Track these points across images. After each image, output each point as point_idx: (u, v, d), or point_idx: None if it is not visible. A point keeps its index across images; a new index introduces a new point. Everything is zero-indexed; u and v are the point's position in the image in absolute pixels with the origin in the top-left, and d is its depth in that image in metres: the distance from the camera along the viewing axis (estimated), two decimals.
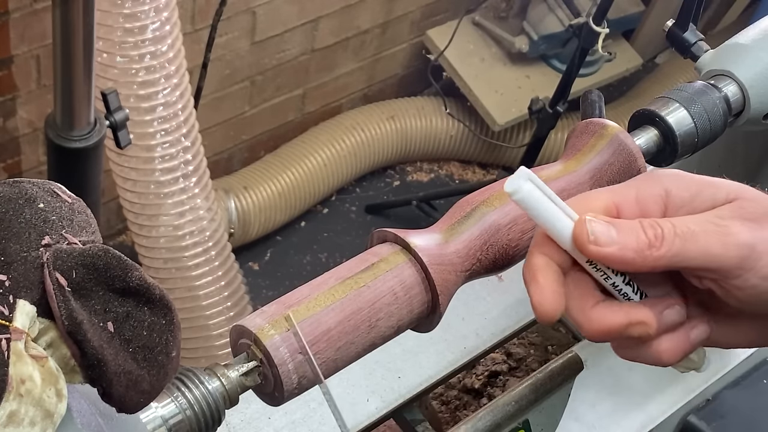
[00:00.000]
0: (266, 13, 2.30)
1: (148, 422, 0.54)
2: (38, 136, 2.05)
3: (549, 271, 0.55)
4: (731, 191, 0.55)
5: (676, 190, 0.55)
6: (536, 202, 0.53)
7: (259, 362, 0.57)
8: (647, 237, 0.53)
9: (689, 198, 0.55)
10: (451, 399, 1.05)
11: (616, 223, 0.54)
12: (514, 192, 0.52)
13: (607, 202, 0.55)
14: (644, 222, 0.53)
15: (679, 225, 0.53)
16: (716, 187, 0.55)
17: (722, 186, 0.55)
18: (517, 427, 0.88)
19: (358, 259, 0.62)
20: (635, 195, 0.56)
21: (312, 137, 2.62)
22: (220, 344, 2.04)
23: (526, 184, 0.52)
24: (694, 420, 1.03)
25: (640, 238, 0.53)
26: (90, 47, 1.47)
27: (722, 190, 0.55)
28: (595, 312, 0.55)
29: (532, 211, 0.53)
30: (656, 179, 0.56)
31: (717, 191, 0.55)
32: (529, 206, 0.53)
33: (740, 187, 0.56)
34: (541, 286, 0.55)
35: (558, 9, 2.65)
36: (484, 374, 1.06)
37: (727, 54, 0.85)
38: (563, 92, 2.19)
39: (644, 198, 0.56)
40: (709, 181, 0.56)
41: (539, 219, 0.53)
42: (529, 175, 0.52)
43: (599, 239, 0.53)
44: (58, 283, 0.46)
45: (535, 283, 0.55)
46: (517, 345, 1.09)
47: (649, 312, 0.55)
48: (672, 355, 0.56)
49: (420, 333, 0.64)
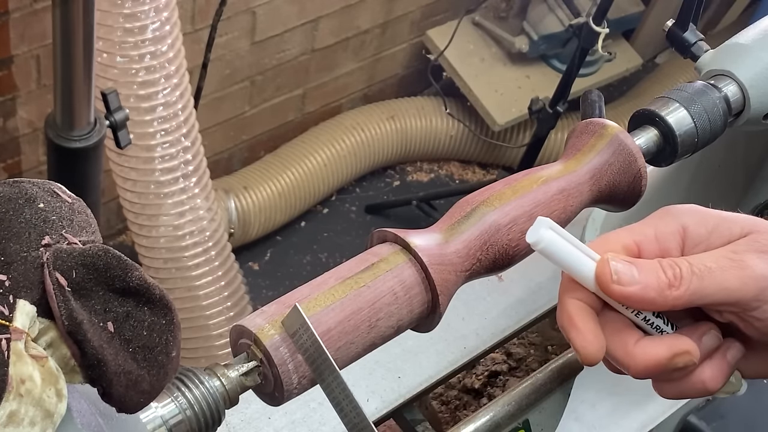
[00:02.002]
0: (266, 13, 2.30)
1: (148, 422, 0.54)
2: (38, 136, 2.05)
3: (585, 314, 0.56)
4: (746, 225, 0.56)
5: (694, 226, 0.56)
6: (559, 249, 0.54)
7: (259, 362, 0.57)
8: (667, 277, 0.54)
9: (706, 234, 0.56)
10: (451, 399, 1.05)
11: (636, 262, 0.54)
12: (537, 242, 0.53)
13: (627, 241, 0.56)
14: (663, 262, 0.54)
15: (695, 263, 0.54)
16: (731, 222, 0.56)
17: (737, 220, 0.56)
18: (517, 427, 0.88)
19: (358, 259, 0.62)
20: (654, 233, 0.57)
21: (312, 137, 2.62)
22: (220, 344, 2.04)
23: (547, 232, 0.53)
24: (694, 420, 1.03)
25: (660, 277, 0.54)
26: (90, 47, 1.47)
27: (737, 224, 0.56)
28: (638, 349, 0.56)
29: (555, 258, 0.54)
30: (674, 216, 0.57)
31: (732, 225, 0.56)
32: (553, 254, 0.54)
33: (754, 220, 0.57)
34: (581, 331, 0.55)
35: (558, 9, 2.65)
36: (484, 374, 1.06)
37: (727, 54, 0.85)
38: (563, 92, 2.19)
39: (663, 235, 0.57)
40: (724, 216, 0.57)
41: (563, 264, 0.54)
42: (549, 223, 0.53)
43: (621, 279, 0.54)
44: (58, 283, 0.46)
45: (575, 329, 0.56)
46: (517, 345, 1.09)
47: (689, 340, 0.55)
48: (716, 382, 0.57)
49: (420, 333, 0.64)
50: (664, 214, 0.58)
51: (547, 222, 0.53)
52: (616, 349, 0.56)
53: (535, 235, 0.53)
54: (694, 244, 0.56)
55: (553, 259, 0.54)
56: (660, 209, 0.59)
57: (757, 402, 1.06)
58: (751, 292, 0.53)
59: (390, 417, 0.95)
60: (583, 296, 0.56)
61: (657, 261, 0.55)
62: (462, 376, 1.06)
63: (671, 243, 0.56)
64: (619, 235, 0.57)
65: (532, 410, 0.88)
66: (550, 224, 0.54)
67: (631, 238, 0.57)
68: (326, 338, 0.58)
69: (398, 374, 0.96)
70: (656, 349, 0.55)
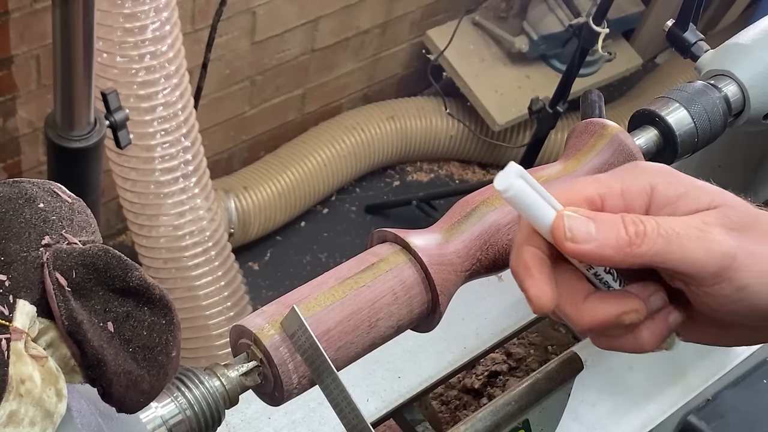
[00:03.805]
0: (266, 13, 2.30)
1: (148, 422, 0.54)
2: (38, 136, 2.05)
3: (541, 264, 0.55)
4: (716, 197, 0.55)
5: (663, 187, 0.55)
6: (526, 199, 0.52)
7: (259, 362, 0.57)
8: (628, 234, 0.52)
9: (674, 197, 0.55)
10: (451, 399, 1.05)
11: (596, 218, 0.53)
12: (506, 190, 0.52)
13: (591, 193, 0.55)
14: (626, 218, 0.53)
15: (663, 225, 0.53)
16: (702, 191, 0.55)
17: (708, 190, 0.55)
18: (517, 427, 0.88)
19: (358, 259, 0.62)
20: (620, 188, 0.55)
21: (312, 137, 2.62)
22: (220, 344, 2.04)
23: (517, 181, 0.52)
24: (694, 420, 1.03)
25: (620, 234, 0.52)
26: (90, 47, 1.47)
27: (707, 194, 0.55)
28: (587, 305, 0.55)
29: (520, 207, 0.53)
30: (643, 173, 0.56)
31: (702, 195, 0.55)
32: (519, 203, 0.52)
33: (725, 194, 0.56)
34: (536, 281, 0.54)
35: (558, 9, 2.65)
36: (484, 374, 1.06)
37: (727, 54, 0.85)
38: (563, 92, 2.19)
39: (629, 191, 0.55)
40: (695, 183, 0.56)
41: (527, 213, 0.53)
42: (520, 171, 0.52)
43: (576, 236, 0.53)
44: (58, 283, 0.46)
45: (530, 277, 0.55)
46: (517, 345, 1.09)
47: (638, 300, 0.55)
48: (653, 342, 0.57)
49: (420, 333, 0.64)
50: (633, 169, 0.57)
51: (517, 170, 0.52)
52: (565, 304, 0.55)
53: (504, 182, 0.52)
54: (660, 205, 0.55)
55: (518, 208, 0.53)
56: (630, 163, 0.58)
57: (757, 402, 1.06)
58: (713, 267, 0.52)
59: (390, 417, 0.95)
60: (541, 245, 0.55)
61: (620, 216, 0.53)
62: (462, 376, 1.06)
63: (637, 201, 0.55)
64: (584, 185, 0.56)
65: (532, 410, 0.88)
66: (521, 172, 0.52)
67: (596, 191, 0.55)
68: (326, 338, 0.58)
69: (398, 374, 0.96)
70: (605, 308, 0.54)
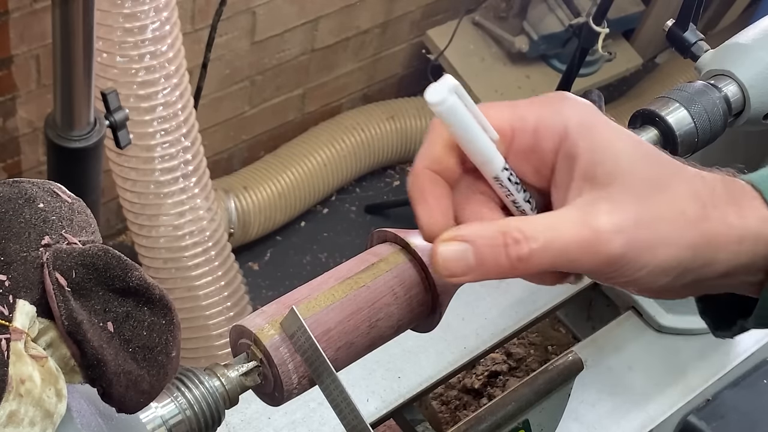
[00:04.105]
0: (266, 13, 2.30)
1: (147, 422, 0.54)
2: (38, 136, 2.05)
3: (438, 190, 0.54)
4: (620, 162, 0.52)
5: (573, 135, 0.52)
6: (458, 116, 0.50)
7: (259, 362, 0.57)
8: (509, 259, 0.50)
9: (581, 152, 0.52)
10: (451, 399, 1.05)
11: (475, 241, 0.51)
12: (437, 103, 0.49)
13: (503, 123, 0.53)
14: (508, 238, 0.50)
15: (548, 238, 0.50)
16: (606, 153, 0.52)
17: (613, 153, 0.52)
18: (517, 427, 0.88)
19: (358, 259, 0.62)
20: (534, 123, 0.53)
21: (312, 137, 2.62)
22: (220, 344, 2.04)
23: (451, 96, 0.49)
24: (694, 420, 1.03)
25: (500, 261, 0.50)
26: (90, 47, 1.47)
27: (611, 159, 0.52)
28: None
29: (451, 124, 0.51)
30: (561, 111, 0.53)
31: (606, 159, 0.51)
32: (451, 120, 0.50)
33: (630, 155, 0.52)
34: (430, 208, 0.53)
35: (558, 9, 2.65)
36: (484, 374, 1.06)
37: (727, 54, 0.85)
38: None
39: (542, 129, 0.53)
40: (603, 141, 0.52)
41: (457, 134, 0.51)
42: (455, 86, 0.49)
43: (454, 270, 0.51)
44: (57, 283, 0.46)
45: (424, 204, 0.54)
46: (517, 345, 1.09)
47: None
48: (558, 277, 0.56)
49: (420, 333, 0.64)
50: (553, 102, 0.54)
51: (453, 84, 0.49)
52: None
53: (437, 95, 0.49)
54: (566, 154, 0.52)
55: (448, 124, 0.51)
56: (556, 94, 0.54)
57: (757, 402, 1.06)
58: (603, 268, 0.51)
59: (390, 417, 0.95)
60: (442, 168, 0.54)
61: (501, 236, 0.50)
62: (462, 376, 1.06)
63: (547, 142, 0.53)
64: (500, 111, 0.53)
65: (532, 410, 0.88)
66: (456, 87, 0.49)
67: (509, 122, 0.53)
68: (326, 338, 0.58)
69: (398, 374, 0.96)
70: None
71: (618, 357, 1.04)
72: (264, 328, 0.57)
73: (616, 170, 0.52)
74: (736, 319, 0.59)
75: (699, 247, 0.52)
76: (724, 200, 0.53)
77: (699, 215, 0.52)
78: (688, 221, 0.52)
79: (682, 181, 0.53)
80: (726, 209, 0.53)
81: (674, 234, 0.52)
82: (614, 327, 1.07)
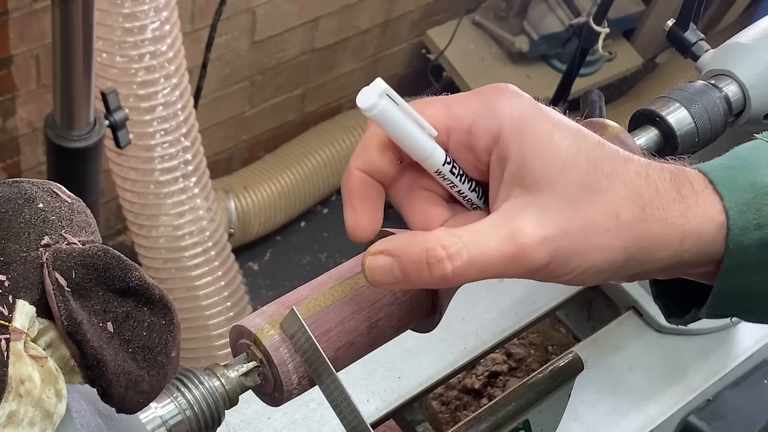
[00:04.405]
0: (266, 12, 2.30)
1: (147, 422, 0.54)
2: (38, 136, 2.05)
3: (367, 192, 0.54)
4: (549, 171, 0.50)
5: (506, 137, 0.51)
6: (392, 119, 0.50)
7: (258, 362, 0.57)
8: (432, 277, 0.50)
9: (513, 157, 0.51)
10: (451, 399, 1.05)
11: (400, 255, 0.51)
12: (369, 109, 0.49)
13: (438, 123, 0.52)
14: (431, 256, 0.50)
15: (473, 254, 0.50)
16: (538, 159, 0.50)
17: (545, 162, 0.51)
18: (517, 427, 0.88)
19: (358, 260, 0.62)
20: (469, 123, 0.52)
21: (312, 137, 2.62)
22: (220, 344, 2.04)
23: (381, 100, 0.49)
24: (694, 420, 1.03)
25: (424, 278, 0.51)
26: (89, 47, 1.47)
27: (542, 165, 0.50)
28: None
29: (386, 127, 0.51)
30: (496, 111, 0.52)
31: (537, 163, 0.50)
32: (384, 123, 0.50)
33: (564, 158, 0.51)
34: (356, 211, 0.54)
35: (558, 9, 2.64)
36: (484, 374, 1.06)
37: (728, 54, 0.85)
38: (563, 92, 2.19)
39: (477, 130, 0.52)
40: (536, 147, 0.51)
41: (393, 135, 0.51)
42: (385, 90, 0.49)
43: (381, 280, 0.52)
44: (57, 283, 0.46)
45: (351, 206, 0.54)
46: (517, 345, 1.09)
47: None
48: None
49: (420, 333, 0.64)
50: (489, 100, 0.52)
51: (382, 88, 0.49)
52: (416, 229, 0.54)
53: (368, 101, 0.49)
54: (500, 155, 0.52)
55: (384, 128, 0.51)
56: (494, 89, 0.53)
57: (758, 402, 1.06)
58: (531, 275, 0.51)
59: (390, 417, 0.95)
60: (375, 169, 0.53)
61: (425, 253, 0.50)
62: (462, 376, 1.06)
63: (482, 141, 0.52)
64: (435, 110, 0.52)
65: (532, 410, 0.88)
66: (387, 90, 0.49)
67: (444, 121, 0.52)
68: (326, 339, 0.58)
69: (398, 374, 0.96)
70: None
71: (618, 357, 1.04)
72: (264, 329, 0.57)
73: (546, 175, 0.51)
74: (690, 307, 0.59)
75: (633, 249, 0.52)
76: (669, 198, 0.52)
77: (636, 217, 0.51)
78: (622, 225, 0.51)
79: (620, 182, 0.52)
80: (670, 207, 0.52)
81: (605, 240, 0.51)
82: (614, 327, 1.07)
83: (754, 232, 0.53)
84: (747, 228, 0.53)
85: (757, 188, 0.53)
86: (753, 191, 0.53)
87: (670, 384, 1.03)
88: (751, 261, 0.53)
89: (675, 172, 0.54)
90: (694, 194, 0.53)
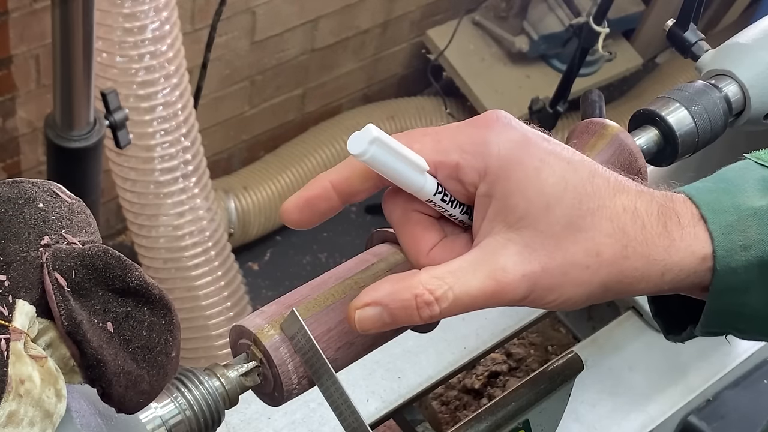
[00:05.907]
0: (266, 13, 2.30)
1: (147, 422, 0.54)
2: (38, 136, 2.05)
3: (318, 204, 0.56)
4: (531, 209, 0.52)
5: (492, 176, 0.53)
6: (382, 162, 0.52)
7: (258, 362, 0.57)
8: (422, 318, 0.53)
9: (497, 195, 0.53)
10: (451, 399, 1.05)
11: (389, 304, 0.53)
12: (360, 155, 0.51)
13: (427, 158, 0.53)
14: (419, 301, 0.52)
15: (457, 294, 0.52)
16: (521, 198, 0.52)
17: (527, 200, 0.52)
18: (517, 427, 0.88)
19: (358, 260, 0.62)
20: (457, 161, 0.53)
21: (312, 137, 2.62)
22: (220, 344, 2.04)
23: (371, 147, 0.51)
24: (694, 420, 1.03)
25: (413, 320, 0.53)
26: (89, 47, 1.47)
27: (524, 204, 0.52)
28: (432, 255, 0.56)
29: (377, 169, 0.53)
30: (484, 151, 0.53)
31: (520, 203, 0.52)
32: (375, 166, 0.52)
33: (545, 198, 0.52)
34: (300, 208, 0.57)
35: (558, 9, 2.65)
36: (484, 374, 1.06)
37: (728, 54, 0.85)
38: (563, 92, 2.18)
39: (464, 168, 0.53)
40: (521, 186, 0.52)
41: (384, 174, 0.53)
42: (376, 133, 0.51)
43: (371, 327, 0.54)
44: (57, 283, 0.46)
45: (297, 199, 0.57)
46: (517, 345, 1.09)
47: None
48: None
49: (420, 333, 0.64)
50: (477, 135, 0.53)
51: (373, 136, 0.50)
52: (410, 253, 0.57)
53: (358, 147, 0.51)
54: (485, 192, 0.53)
55: (375, 170, 0.53)
56: (486, 119, 0.54)
57: (758, 402, 1.06)
58: (514, 304, 0.53)
59: (390, 417, 0.95)
60: (351, 192, 0.55)
61: (413, 299, 0.52)
62: (462, 376, 1.06)
63: (469, 177, 0.53)
64: (424, 146, 0.54)
65: (532, 410, 0.88)
66: (377, 137, 0.51)
67: (432, 157, 0.53)
68: (326, 339, 0.58)
69: (398, 374, 0.96)
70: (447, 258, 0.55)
71: (618, 357, 1.03)
72: (264, 329, 0.57)
73: (530, 214, 0.52)
74: (686, 324, 0.59)
75: (611, 283, 0.53)
76: (655, 233, 0.53)
77: (618, 255, 0.52)
78: (603, 262, 0.52)
79: (605, 218, 0.52)
80: (654, 244, 0.53)
81: (583, 276, 0.52)
82: (614, 327, 1.07)
83: (740, 254, 0.53)
84: (733, 249, 0.53)
85: (740, 210, 0.54)
86: (736, 213, 0.54)
87: (670, 384, 1.03)
88: (739, 282, 0.54)
89: (663, 205, 0.54)
90: (680, 229, 0.54)
